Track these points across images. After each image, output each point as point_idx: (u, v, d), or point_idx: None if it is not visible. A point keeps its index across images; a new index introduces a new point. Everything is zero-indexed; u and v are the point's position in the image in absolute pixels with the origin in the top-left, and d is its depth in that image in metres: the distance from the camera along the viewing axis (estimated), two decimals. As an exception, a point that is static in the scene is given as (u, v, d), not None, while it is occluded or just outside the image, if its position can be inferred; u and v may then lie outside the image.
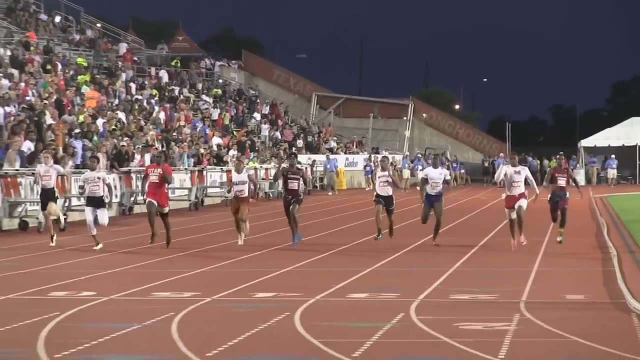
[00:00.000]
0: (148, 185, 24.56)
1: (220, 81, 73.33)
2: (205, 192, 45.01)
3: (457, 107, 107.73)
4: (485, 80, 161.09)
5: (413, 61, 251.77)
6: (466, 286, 17.43)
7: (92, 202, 24.54)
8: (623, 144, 69.97)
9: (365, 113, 77.99)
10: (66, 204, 32.14)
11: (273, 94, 76.33)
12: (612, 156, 68.62)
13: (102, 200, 24.53)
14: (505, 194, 23.92)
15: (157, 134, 48.00)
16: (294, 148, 64.77)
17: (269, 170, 52.15)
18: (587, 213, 37.42)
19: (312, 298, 16.11)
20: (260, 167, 52.99)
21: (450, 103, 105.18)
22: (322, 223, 33.70)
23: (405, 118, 78.18)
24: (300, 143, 66.86)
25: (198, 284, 18.04)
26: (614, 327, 13.53)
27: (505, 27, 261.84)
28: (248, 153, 55.68)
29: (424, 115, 79.64)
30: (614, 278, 18.17)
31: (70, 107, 43.52)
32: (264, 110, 70.45)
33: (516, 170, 23.36)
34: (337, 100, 79.31)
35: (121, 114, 47.71)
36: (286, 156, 36.64)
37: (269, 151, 60.77)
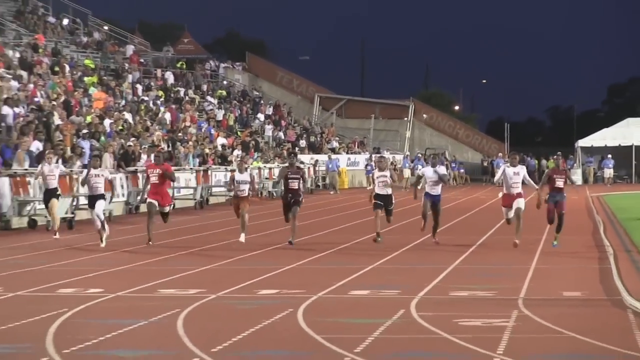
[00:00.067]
0: (150, 185, 24.47)
1: (224, 83, 73.33)
2: (210, 191, 45.02)
3: (457, 108, 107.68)
4: (484, 81, 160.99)
5: (413, 63, 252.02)
6: (465, 283, 17.43)
7: (93, 200, 24.65)
8: (619, 144, 69.94)
9: (366, 114, 77.98)
10: (74, 203, 32.13)
11: (276, 95, 76.32)
12: (609, 156, 68.58)
13: (103, 196, 24.70)
14: (502, 192, 23.89)
15: (163, 135, 48.02)
16: (297, 148, 64.79)
17: (273, 169, 52.17)
18: (584, 212, 37.41)
19: (315, 295, 16.11)
20: (263, 167, 53.04)
21: (450, 104, 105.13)
22: (324, 222, 33.70)
23: (406, 119, 78.15)
24: (303, 143, 66.86)
25: (203, 281, 18.04)
26: (611, 324, 13.52)
27: (504, 30, 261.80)
28: (252, 153, 55.73)
29: (425, 116, 79.61)
30: (610, 275, 18.16)
31: (78, 108, 43.56)
32: (268, 111, 70.44)
33: (515, 171, 23.22)
34: (339, 101, 79.29)
35: (128, 115, 47.73)
36: (287, 155, 36.65)
37: (273, 151, 60.79)
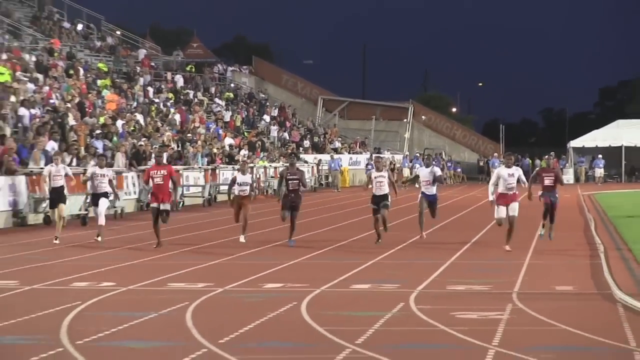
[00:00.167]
0: (152, 187, 23.57)
1: (232, 85, 73.28)
2: (217, 189, 45.00)
3: (454, 110, 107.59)
4: (480, 84, 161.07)
5: (413, 67, 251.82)
6: (462, 278, 17.42)
7: (97, 198, 24.60)
8: (609, 145, 69.90)
9: (368, 115, 77.91)
10: (87, 200, 32.11)
11: (282, 98, 76.27)
12: (599, 156, 68.55)
13: (106, 194, 24.63)
14: (498, 192, 23.69)
15: (173, 135, 48.04)
16: (301, 148, 64.81)
17: (278, 168, 52.16)
18: (576, 209, 37.39)
19: (318, 289, 16.11)
20: (269, 166, 53.11)
21: (447, 106, 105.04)
22: (326, 219, 33.69)
23: (405, 120, 78.07)
24: (307, 143, 66.84)
25: (210, 276, 18.04)
26: (601, 316, 13.52)
27: (500, 35, 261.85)
28: (258, 153, 55.76)
29: (423, 117, 79.53)
30: (601, 271, 18.14)
31: (91, 110, 43.57)
32: (273, 112, 70.39)
33: (510, 172, 22.56)
34: (342, 103, 79.21)
35: (139, 116, 47.73)
36: (288, 156, 36.50)
37: (278, 151, 60.78)
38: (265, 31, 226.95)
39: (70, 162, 34.24)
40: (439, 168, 26.63)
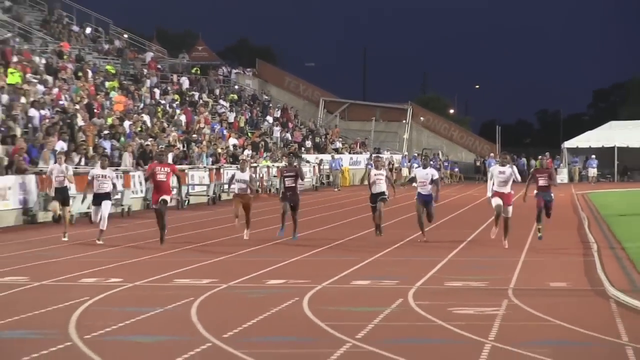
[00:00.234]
0: (154, 184, 23.49)
1: (236, 87, 73.25)
2: (222, 188, 44.99)
3: (452, 112, 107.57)
4: (477, 87, 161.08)
5: (412, 70, 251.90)
6: (459, 274, 17.41)
7: (99, 198, 24.22)
8: (602, 146, 69.87)
9: (368, 116, 77.88)
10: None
11: (284, 99, 76.27)
12: (593, 156, 68.53)
13: (109, 195, 24.44)
14: (493, 190, 23.59)
15: (179, 135, 48.03)
16: (303, 148, 64.78)
17: (280, 168, 52.17)
18: (570, 208, 37.36)
19: (319, 285, 16.10)
20: (272, 166, 53.09)
21: (445, 108, 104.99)
22: (327, 217, 33.68)
23: (404, 121, 78.06)
24: (308, 144, 66.84)
25: (215, 272, 18.04)
26: (595, 312, 13.51)
27: (497, 38, 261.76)
28: (262, 153, 55.77)
29: (422, 118, 79.50)
30: (594, 268, 18.13)
31: (99, 111, 43.57)
32: (276, 113, 70.39)
33: (501, 170, 22.51)
34: (343, 104, 79.18)
35: (146, 117, 47.73)
36: (287, 156, 36.42)
37: (281, 151, 60.76)
38: (268, 35, 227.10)
39: (79, 162, 34.30)
40: (436, 168, 26.52)
